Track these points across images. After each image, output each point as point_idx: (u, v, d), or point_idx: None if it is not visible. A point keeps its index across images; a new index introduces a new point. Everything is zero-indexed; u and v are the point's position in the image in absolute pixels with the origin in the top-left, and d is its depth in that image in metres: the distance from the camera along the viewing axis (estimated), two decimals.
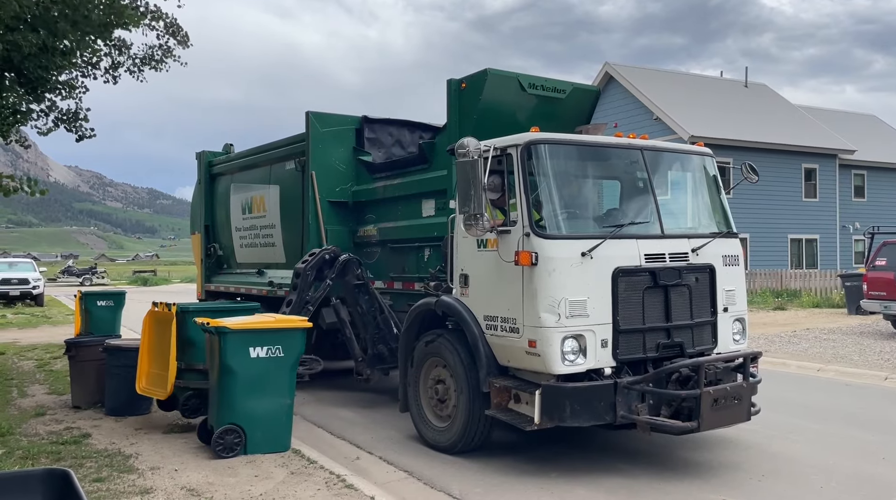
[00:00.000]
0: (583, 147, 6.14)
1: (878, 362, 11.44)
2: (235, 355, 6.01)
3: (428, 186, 7.98)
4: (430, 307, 6.63)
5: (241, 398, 6.05)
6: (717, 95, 31.04)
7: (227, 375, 6.04)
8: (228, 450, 6.00)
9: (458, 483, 5.69)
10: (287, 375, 6.29)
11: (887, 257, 15.27)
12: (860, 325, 16.81)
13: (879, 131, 37.23)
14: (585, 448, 6.63)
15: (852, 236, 30.95)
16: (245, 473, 5.65)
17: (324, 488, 5.32)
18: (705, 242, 6.21)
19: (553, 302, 5.51)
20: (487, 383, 5.96)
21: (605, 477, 5.82)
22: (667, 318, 5.94)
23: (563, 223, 5.83)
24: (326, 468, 5.78)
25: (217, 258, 11.83)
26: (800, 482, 5.70)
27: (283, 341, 6.23)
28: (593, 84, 8.13)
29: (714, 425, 5.59)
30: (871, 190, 32.40)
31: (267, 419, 6.15)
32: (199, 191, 12.23)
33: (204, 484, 5.37)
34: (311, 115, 9.14)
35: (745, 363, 5.88)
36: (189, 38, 14.19)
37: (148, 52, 13.70)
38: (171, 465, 5.87)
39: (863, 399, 9.09)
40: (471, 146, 5.66)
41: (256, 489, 5.29)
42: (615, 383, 5.55)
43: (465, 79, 7.57)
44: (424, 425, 6.73)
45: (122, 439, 6.76)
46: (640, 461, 6.26)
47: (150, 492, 5.19)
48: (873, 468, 6.09)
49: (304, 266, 8.02)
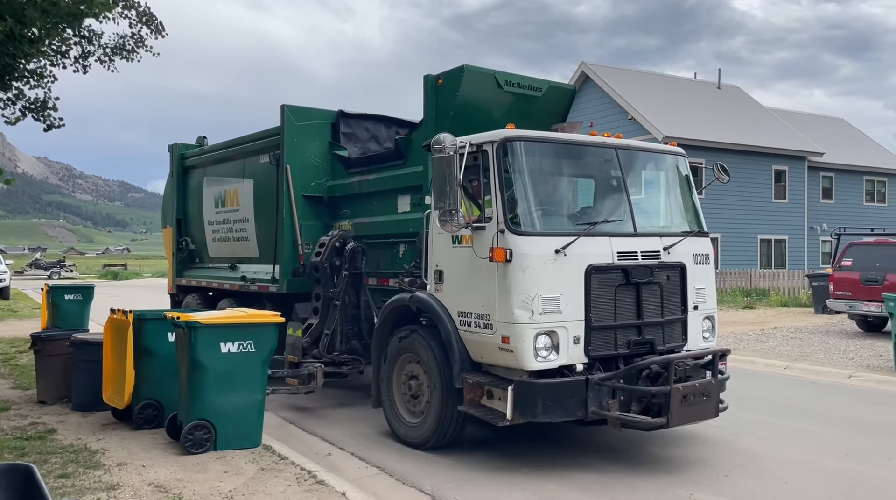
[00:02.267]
0: (558, 145, 6.18)
1: (842, 361, 11.70)
2: (206, 349, 5.96)
3: (404, 181, 7.97)
4: (405, 303, 6.62)
5: (211, 394, 6.01)
6: (691, 96, 31.40)
7: (197, 370, 5.98)
8: (198, 446, 5.96)
9: (429, 479, 5.70)
10: (259, 370, 6.24)
11: (853, 258, 15.63)
12: (826, 324, 17.18)
13: (847, 135, 37.98)
14: (557, 444, 6.68)
15: (820, 237, 31.54)
16: (214, 469, 5.61)
17: (294, 484, 5.30)
18: (677, 240, 6.29)
19: (527, 299, 5.54)
20: (461, 379, 5.98)
21: (576, 472, 5.87)
22: (638, 315, 6.01)
23: (537, 220, 5.86)
24: (297, 464, 5.75)
25: (189, 252, 11.69)
26: (765, 478, 5.80)
27: (254, 335, 6.18)
28: (570, 83, 8.16)
29: (683, 421, 5.68)
30: (838, 192, 33.04)
31: (238, 414, 6.11)
32: (171, 184, 12.07)
33: (172, 480, 5.32)
34: (286, 108, 9.07)
35: (714, 361, 5.97)
36: (163, 28, 13.97)
37: (119, 42, 13.48)
38: (138, 461, 5.81)
39: (828, 397, 9.29)
40: (447, 142, 5.66)
41: (226, 485, 5.25)
42: (587, 379, 5.60)
43: (442, 75, 7.57)
44: (397, 420, 6.72)
45: (89, 434, 6.67)
46: (611, 456, 6.33)
47: (117, 488, 5.13)
48: (836, 464, 6.23)
49: (320, 259, 8.05)
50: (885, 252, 15.32)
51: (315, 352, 8.02)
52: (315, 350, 8.03)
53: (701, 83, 34.75)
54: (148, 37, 13.83)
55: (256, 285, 9.57)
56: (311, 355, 8.04)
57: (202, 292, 11.26)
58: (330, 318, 8.05)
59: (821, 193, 32.36)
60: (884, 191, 34.62)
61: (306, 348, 8.05)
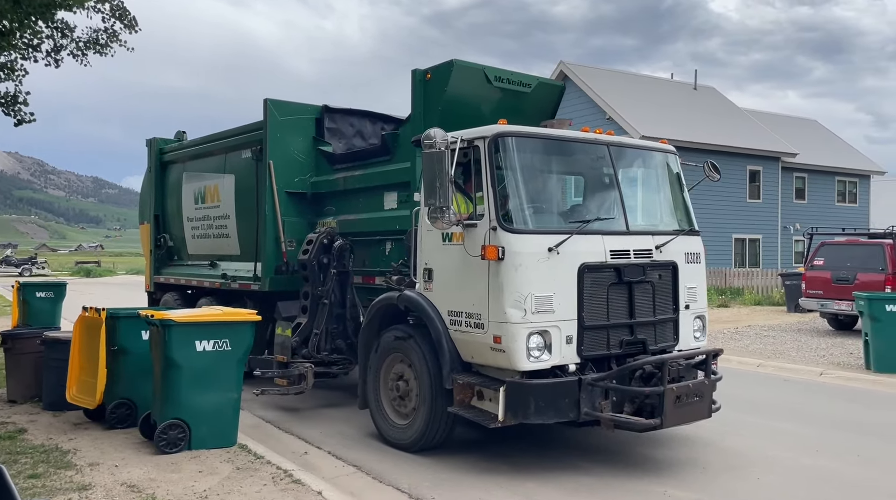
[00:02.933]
0: (551, 141, 6.08)
1: (814, 358, 11.87)
2: (181, 348, 5.90)
3: (390, 178, 7.82)
4: (393, 302, 6.49)
5: (186, 393, 5.95)
6: (668, 96, 31.61)
7: (171, 368, 5.91)
8: (172, 445, 5.88)
9: (407, 477, 5.65)
10: (234, 368, 6.18)
11: (825, 257, 15.88)
12: (798, 322, 17.39)
13: (820, 136, 38.50)
14: (541, 444, 6.61)
15: (793, 237, 31.94)
16: (189, 468, 5.52)
17: (270, 483, 5.23)
18: (669, 239, 6.22)
19: (519, 297, 5.43)
20: (451, 379, 5.86)
21: (557, 471, 5.83)
22: (630, 315, 5.94)
23: (530, 218, 5.76)
24: (273, 463, 5.69)
25: (167, 249, 11.43)
26: (742, 475, 5.83)
27: (230, 334, 6.13)
28: (557, 80, 8.08)
29: (677, 422, 5.61)
30: (811, 192, 33.47)
31: (213, 413, 6.05)
32: (149, 179, 11.79)
33: (145, 480, 5.23)
34: (269, 102, 8.87)
35: (707, 360, 5.91)
36: (137, 23, 13.77)
37: (92, 36, 13.26)
38: (111, 461, 5.69)
39: (800, 394, 9.38)
40: (437, 137, 5.54)
41: (200, 485, 5.17)
42: (579, 379, 5.52)
43: (430, 69, 7.43)
44: (384, 422, 6.59)
45: (60, 434, 6.53)
46: (594, 456, 6.27)
47: (89, 488, 5.03)
48: (811, 461, 6.28)
49: (308, 257, 7.86)
50: (855, 252, 15.57)
51: (304, 352, 7.86)
52: (304, 350, 7.86)
53: (678, 84, 35.00)
54: (122, 31, 13.66)
55: (238, 283, 9.37)
56: (300, 355, 7.87)
57: (181, 291, 11.03)
58: (319, 317, 7.88)
59: (794, 194, 32.75)
60: (855, 191, 35.13)
61: (295, 348, 7.89)
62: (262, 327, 9.26)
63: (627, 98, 28.76)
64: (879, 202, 37.25)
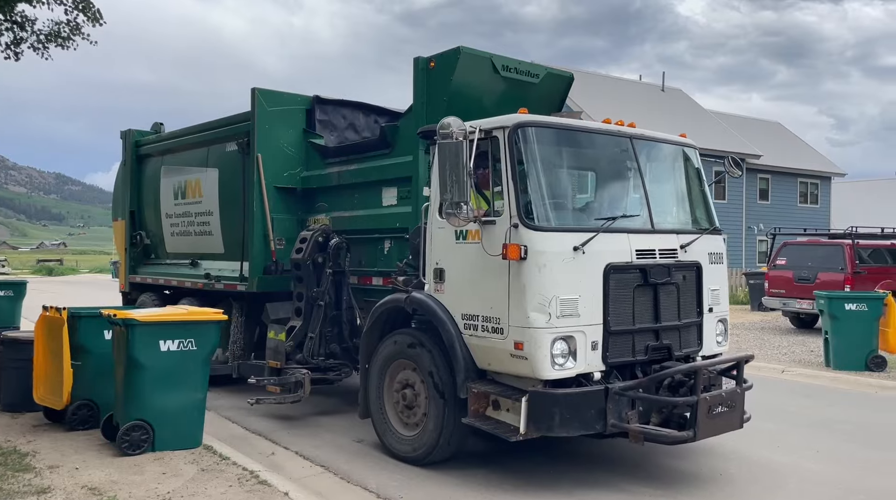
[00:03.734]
0: (574, 132, 5.69)
1: (776, 356, 11.99)
2: (144, 348, 5.81)
3: (390, 172, 7.37)
4: (399, 305, 6.04)
5: (149, 394, 5.86)
6: (636, 97, 31.74)
7: (134, 369, 5.82)
8: (135, 447, 5.78)
9: (374, 477, 5.62)
10: (200, 369, 6.09)
11: (787, 257, 16.19)
12: (762, 321, 17.67)
13: (783, 138, 38.96)
14: (529, 446, 6.24)
15: (756, 237, 32.23)
16: (152, 470, 5.44)
17: (236, 484, 5.16)
18: (694, 238, 5.88)
19: (543, 300, 5.03)
20: (466, 388, 5.43)
21: (529, 471, 5.68)
22: (656, 319, 5.58)
23: (554, 214, 5.36)
24: (239, 465, 5.62)
25: (144, 247, 10.81)
26: (702, 469, 5.83)
27: (196, 334, 6.05)
28: (565, 71, 7.70)
29: (709, 433, 5.25)
30: (774, 193, 33.80)
31: (177, 414, 5.97)
32: (123, 173, 11.14)
33: (107, 483, 5.14)
34: (257, 91, 8.35)
35: (739, 367, 5.57)
36: (101, 16, 13.28)
37: (54, 29, 12.81)
38: (71, 463, 5.58)
39: (762, 391, 9.36)
40: (454, 127, 5.11)
41: (163, 486, 5.08)
42: (606, 388, 5.13)
43: (434, 57, 6.99)
44: (389, 433, 6.14)
45: (19, 436, 6.36)
46: (567, 457, 6.06)
47: (48, 492, 4.91)
48: (769, 454, 6.38)
49: (302, 256, 7.38)
50: (816, 252, 15.90)
51: (299, 357, 7.37)
52: (299, 355, 7.37)
53: (646, 85, 35.21)
54: (85, 24, 13.20)
55: (223, 284, 8.83)
56: (294, 361, 7.38)
57: (159, 291, 10.43)
58: (314, 320, 7.40)
59: (758, 194, 33.04)
60: (816, 193, 35.56)
61: (290, 353, 7.39)
62: (250, 330, 8.78)
63: (597, 98, 28.80)
64: (840, 203, 37.79)
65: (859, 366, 10.60)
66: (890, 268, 15.91)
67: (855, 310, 10.67)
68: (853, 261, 15.04)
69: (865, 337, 10.65)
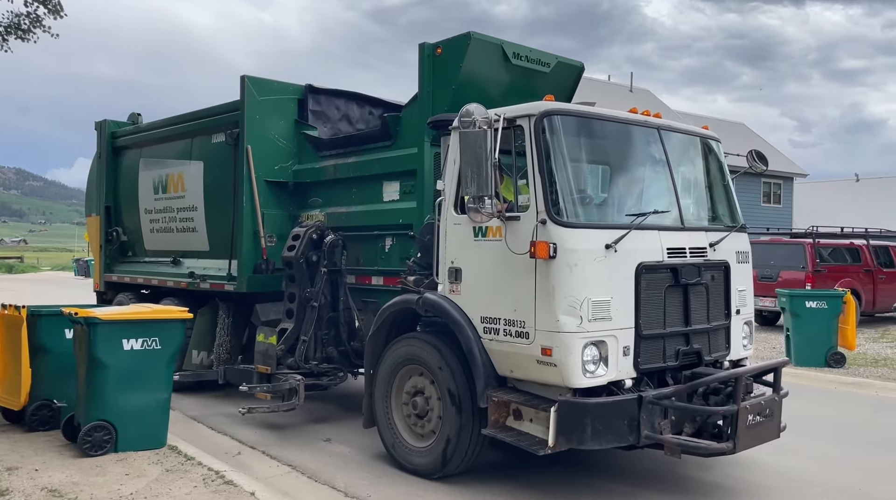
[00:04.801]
0: (604, 122, 5.33)
1: None
2: (107, 347, 5.69)
3: (392, 165, 6.94)
4: (410, 306, 5.63)
5: (112, 393, 5.75)
6: (605, 97, 31.72)
7: (97, 369, 5.69)
8: (97, 448, 5.65)
9: (342, 475, 5.57)
10: (164, 368, 6.00)
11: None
12: None
13: (747, 139, 39.35)
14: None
15: None
16: (115, 471, 5.34)
17: (201, 485, 5.08)
18: (723, 235, 5.57)
19: (574, 302, 4.66)
20: (486, 396, 5.04)
21: (507, 470, 5.55)
22: (686, 321, 5.24)
23: (583, 210, 5.00)
24: (205, 465, 5.54)
25: (120, 244, 10.21)
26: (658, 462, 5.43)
27: (160, 332, 5.95)
28: (576, 60, 7.33)
29: (749, 444, 4.91)
30: (738, 193, 33.73)
31: (141, 414, 5.85)
32: (98, 166, 10.52)
33: (68, 484, 5.03)
34: (247, 79, 7.85)
35: (776, 373, 5.26)
36: (62, 8, 12.81)
37: (14, 21, 12.39)
38: (31, 465, 5.45)
39: None
40: (477, 115, 4.71)
41: (126, 488, 4.99)
42: (640, 397, 4.77)
43: (441, 43, 6.58)
44: (398, 444, 5.73)
45: None
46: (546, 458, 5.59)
47: (6, 494, 4.83)
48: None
49: (295, 254, 6.91)
50: (779, 251, 16.08)
51: (290, 361, 6.91)
52: (290, 359, 6.91)
53: (615, 85, 35.36)
54: (45, 16, 12.74)
55: (209, 283, 8.31)
56: (285, 365, 6.91)
57: (136, 290, 9.86)
58: (307, 322, 6.94)
59: None
60: (779, 193, 35.91)
61: (280, 357, 6.93)
62: (238, 333, 8.28)
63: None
64: (802, 203, 38.27)
65: (819, 362, 10.71)
66: (849, 267, 16.24)
67: (815, 308, 10.84)
68: (814, 260, 15.34)
69: (825, 334, 10.80)
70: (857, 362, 11.23)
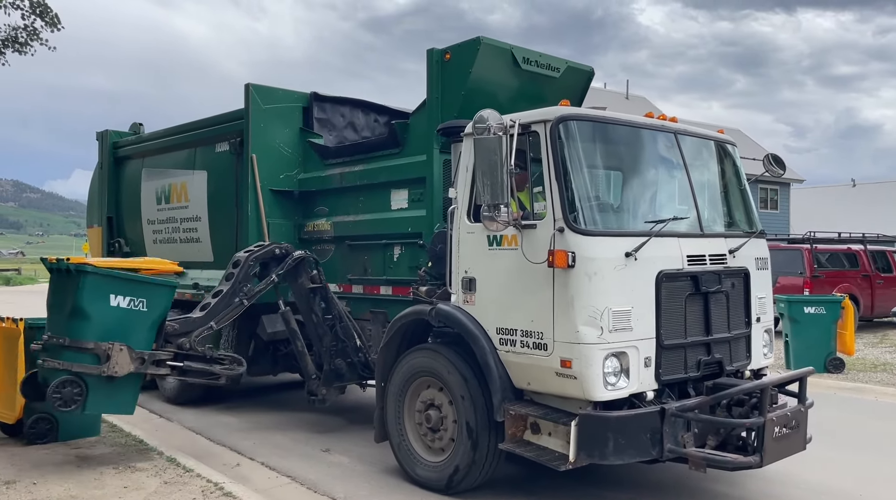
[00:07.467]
0: (620, 127, 5.21)
1: None
2: (93, 299, 5.41)
3: (400, 173, 6.82)
4: (423, 317, 5.49)
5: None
6: (602, 104, 31.68)
7: (78, 319, 5.40)
8: (68, 403, 5.32)
9: (342, 486, 5.53)
10: (146, 332, 5.72)
11: None
12: None
13: (743, 145, 39.27)
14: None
15: None
16: (113, 484, 5.29)
17: (200, 496, 5.06)
18: (743, 242, 5.44)
19: (594, 313, 4.52)
20: (503, 410, 4.89)
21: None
22: (707, 331, 5.11)
23: (601, 217, 4.87)
24: (204, 476, 5.50)
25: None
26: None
27: (148, 294, 5.71)
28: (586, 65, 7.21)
29: (775, 457, 4.75)
30: None
31: (115, 378, 5.50)
32: (100, 177, 10.39)
33: (66, 498, 5.01)
34: (251, 87, 7.74)
35: (802, 383, 5.12)
36: (59, 21, 12.77)
37: (11, 34, 12.38)
38: (28, 478, 5.40)
39: None
40: (491, 121, 4.59)
41: None
42: (662, 409, 4.63)
43: (450, 48, 6.47)
44: (411, 458, 5.58)
45: None
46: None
47: None
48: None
49: (248, 255, 6.68)
50: (776, 256, 16.02)
51: (180, 342, 6.06)
52: (181, 340, 6.07)
53: (611, 93, 35.37)
54: (43, 29, 12.72)
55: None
56: (174, 345, 6.05)
57: None
58: (223, 316, 6.49)
59: None
60: (776, 198, 35.85)
61: (169, 335, 6.03)
62: (243, 345, 8.13)
63: None
64: (799, 209, 38.20)
65: (818, 368, 10.53)
66: (847, 272, 16.18)
67: (814, 313, 10.75)
68: (812, 265, 15.31)
69: (824, 339, 10.71)
70: (857, 368, 11.16)
